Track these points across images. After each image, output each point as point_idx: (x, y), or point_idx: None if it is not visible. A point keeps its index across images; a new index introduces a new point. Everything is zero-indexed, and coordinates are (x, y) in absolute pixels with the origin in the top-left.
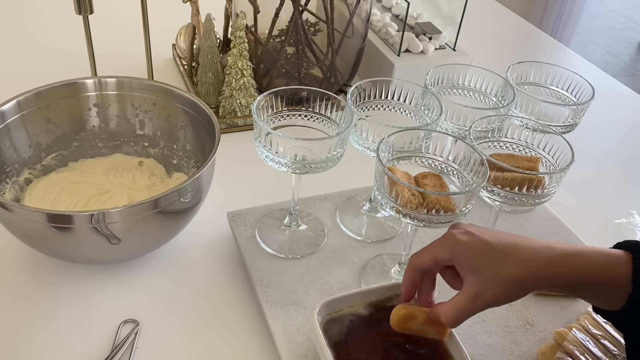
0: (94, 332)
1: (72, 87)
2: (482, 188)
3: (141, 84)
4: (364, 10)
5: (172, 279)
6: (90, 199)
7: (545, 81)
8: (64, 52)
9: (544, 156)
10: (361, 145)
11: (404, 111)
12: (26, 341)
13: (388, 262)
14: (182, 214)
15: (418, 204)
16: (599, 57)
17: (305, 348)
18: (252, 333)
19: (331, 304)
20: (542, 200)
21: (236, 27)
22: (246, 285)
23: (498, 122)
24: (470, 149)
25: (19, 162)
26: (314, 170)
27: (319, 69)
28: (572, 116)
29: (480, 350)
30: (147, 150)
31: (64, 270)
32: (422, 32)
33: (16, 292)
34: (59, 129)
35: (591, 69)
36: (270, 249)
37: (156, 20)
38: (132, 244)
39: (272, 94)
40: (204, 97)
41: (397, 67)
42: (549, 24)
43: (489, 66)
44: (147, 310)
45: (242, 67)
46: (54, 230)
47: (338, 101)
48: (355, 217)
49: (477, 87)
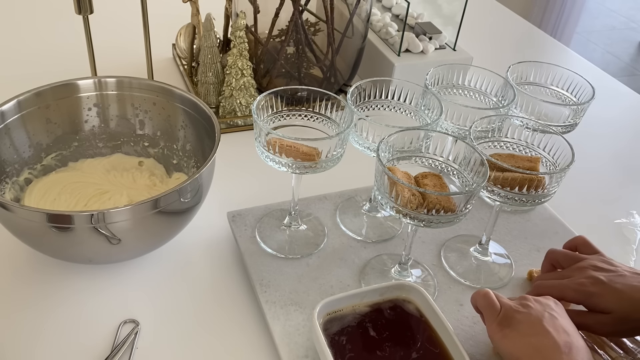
0: (94, 332)
1: (72, 87)
2: (482, 188)
3: (141, 83)
4: (364, 10)
5: (172, 279)
6: (90, 199)
7: (545, 81)
8: (64, 52)
9: (544, 156)
10: (361, 145)
11: (404, 111)
12: (26, 341)
13: (388, 262)
14: (182, 214)
15: (418, 204)
16: (599, 57)
17: (305, 348)
18: (252, 333)
19: (331, 304)
20: (542, 200)
21: (236, 27)
22: (246, 285)
23: (498, 122)
24: (471, 149)
25: (19, 162)
26: (314, 171)
27: (319, 69)
28: (572, 116)
29: (480, 350)
30: (147, 150)
31: (64, 270)
32: (422, 32)
33: (16, 292)
34: (59, 129)
35: (591, 69)
36: (270, 249)
37: (156, 20)
38: (132, 244)
39: (272, 94)
40: (204, 97)
41: (397, 67)
42: (549, 24)
43: (489, 66)
44: (147, 310)
45: (242, 67)
46: (54, 230)
47: (338, 101)
48: (356, 217)
49: (477, 87)
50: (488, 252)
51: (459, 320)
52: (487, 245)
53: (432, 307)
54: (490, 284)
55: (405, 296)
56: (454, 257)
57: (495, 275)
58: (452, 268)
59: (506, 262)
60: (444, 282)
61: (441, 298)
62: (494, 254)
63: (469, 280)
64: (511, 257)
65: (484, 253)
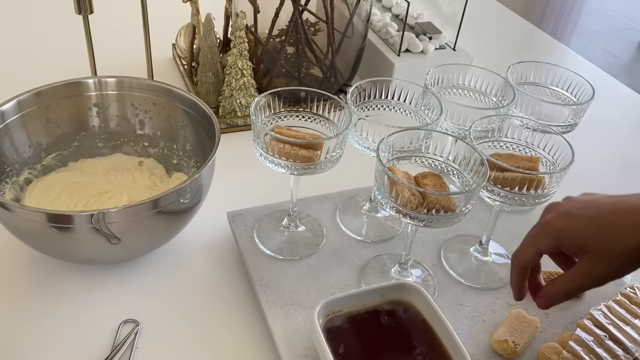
0: (94, 332)
1: (72, 87)
2: (482, 188)
3: (141, 83)
4: (364, 10)
5: (172, 279)
6: (90, 199)
7: (545, 81)
8: (64, 52)
9: (544, 156)
10: (361, 145)
11: (404, 111)
12: (26, 341)
13: (388, 262)
14: (182, 214)
15: (418, 203)
16: (599, 57)
17: (305, 348)
18: (252, 333)
19: (331, 304)
20: (542, 200)
21: (236, 27)
22: (246, 285)
23: (498, 122)
24: (471, 149)
25: (19, 162)
26: (312, 172)
27: (319, 69)
28: (572, 116)
29: (480, 350)
30: (147, 150)
31: (64, 270)
32: (422, 32)
33: (16, 292)
34: (59, 129)
35: (591, 69)
36: (269, 251)
37: (156, 20)
38: (132, 244)
39: (270, 95)
40: (204, 97)
41: (397, 67)
42: (549, 24)
43: (489, 66)
44: (147, 310)
45: (242, 67)
46: (54, 230)
47: (337, 102)
48: (355, 217)
49: (477, 87)
50: (488, 252)
51: (459, 320)
52: (487, 245)
53: (432, 307)
54: (490, 284)
55: (405, 296)
56: (454, 257)
57: (495, 275)
58: (452, 268)
59: (506, 262)
60: (444, 282)
61: (441, 298)
62: (494, 254)
63: (469, 280)
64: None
65: (484, 253)
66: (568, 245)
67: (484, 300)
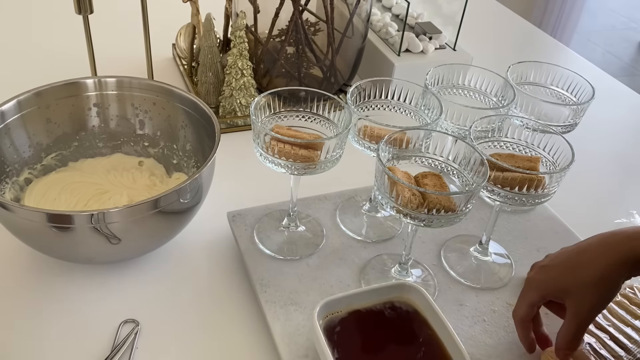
0: (94, 332)
1: (72, 87)
2: (482, 188)
3: (141, 83)
4: (364, 10)
5: (172, 279)
6: (90, 199)
7: (545, 81)
8: (64, 52)
9: (544, 156)
10: (361, 145)
11: (404, 111)
12: (26, 341)
13: (388, 262)
14: (182, 214)
15: (418, 203)
16: (599, 57)
17: (305, 348)
18: (252, 333)
19: (331, 304)
20: (542, 200)
21: (236, 27)
22: (246, 285)
23: (498, 122)
24: (471, 149)
25: (19, 162)
26: (312, 172)
27: (319, 68)
28: (572, 116)
29: (480, 350)
30: (147, 150)
31: (64, 270)
32: (422, 32)
33: (16, 292)
34: (59, 129)
35: (591, 68)
36: (269, 251)
37: (156, 20)
38: (132, 244)
39: (270, 95)
40: (204, 97)
41: (397, 67)
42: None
43: (489, 66)
44: (147, 310)
45: (242, 67)
46: (54, 230)
47: (337, 102)
48: (355, 217)
49: (477, 87)
50: (488, 252)
51: (459, 320)
52: (487, 245)
53: (432, 307)
54: (490, 284)
55: (405, 296)
56: (454, 257)
57: (495, 275)
58: (452, 268)
59: (506, 262)
60: (444, 282)
61: (441, 298)
62: (494, 254)
63: (469, 280)
64: (511, 257)
65: (484, 253)
66: (552, 293)
67: (484, 300)
